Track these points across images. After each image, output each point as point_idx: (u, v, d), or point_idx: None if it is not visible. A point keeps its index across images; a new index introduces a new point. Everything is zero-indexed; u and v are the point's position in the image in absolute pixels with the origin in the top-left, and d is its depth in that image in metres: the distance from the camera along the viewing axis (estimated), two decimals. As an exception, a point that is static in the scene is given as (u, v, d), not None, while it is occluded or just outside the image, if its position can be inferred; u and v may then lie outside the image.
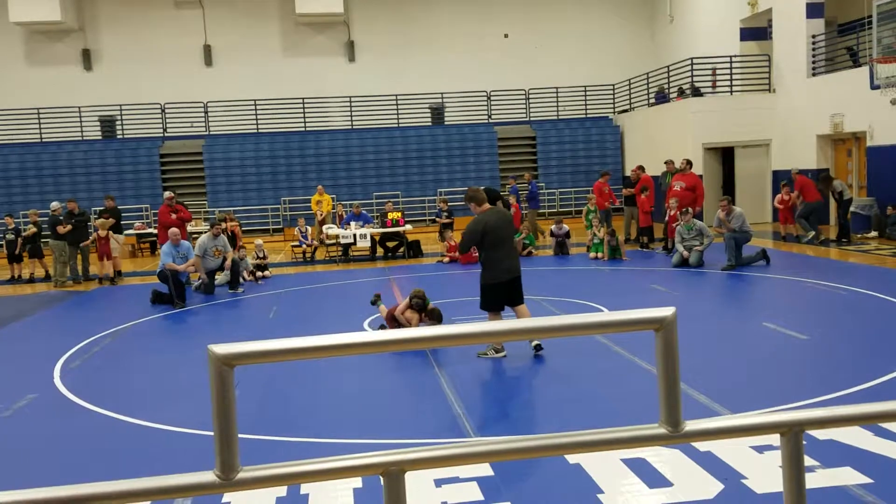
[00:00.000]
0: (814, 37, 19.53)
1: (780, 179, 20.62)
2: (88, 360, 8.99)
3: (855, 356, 7.53)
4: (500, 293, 7.78)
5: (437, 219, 19.89)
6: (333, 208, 21.31)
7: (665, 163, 17.42)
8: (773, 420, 1.62)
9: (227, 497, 4.63)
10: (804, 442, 1.62)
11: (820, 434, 5.08)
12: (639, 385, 6.78)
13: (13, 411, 7.01)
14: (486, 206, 7.78)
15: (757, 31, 22.77)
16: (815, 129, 19.23)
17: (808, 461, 4.67)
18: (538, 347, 7.90)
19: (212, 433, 1.52)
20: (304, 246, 18.21)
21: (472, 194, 7.92)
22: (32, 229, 16.59)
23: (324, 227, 18.79)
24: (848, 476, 4.57)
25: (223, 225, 15.66)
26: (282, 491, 4.70)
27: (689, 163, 16.32)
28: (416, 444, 5.56)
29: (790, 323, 8.87)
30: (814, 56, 19.68)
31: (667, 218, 15.66)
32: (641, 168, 17.69)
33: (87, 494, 1.49)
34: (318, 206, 20.86)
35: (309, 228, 19.03)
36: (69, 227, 15.84)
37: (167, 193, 16.18)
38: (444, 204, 19.81)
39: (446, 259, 16.48)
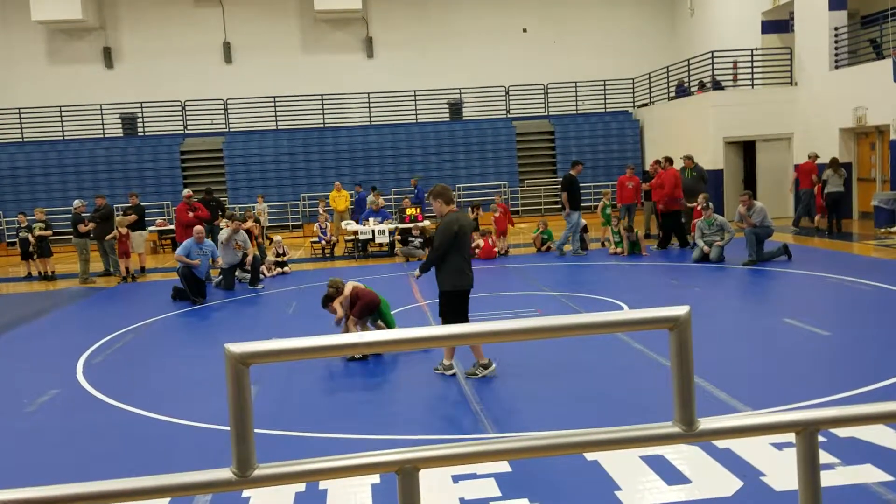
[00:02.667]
0: (836, 29, 19.29)
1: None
2: (110, 355, 9.09)
3: (878, 352, 7.44)
4: (464, 302, 7.23)
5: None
6: (351, 204, 21.40)
7: (682, 158, 17.30)
8: (788, 419, 1.61)
9: (246, 492, 4.68)
10: (825, 439, 1.61)
11: (840, 431, 5.03)
12: (657, 382, 6.75)
13: (37, 406, 7.11)
14: (454, 206, 7.30)
15: (779, 24, 22.53)
16: (838, 123, 19.01)
17: (828, 458, 4.64)
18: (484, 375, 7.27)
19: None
20: (323, 242, 18.26)
21: (440, 191, 7.27)
22: (47, 232, 16.71)
23: (342, 223, 18.86)
24: (869, 474, 4.53)
25: (248, 223, 15.81)
26: (300, 486, 4.73)
27: (668, 160, 16.52)
28: (434, 441, 5.59)
29: (812, 319, 8.79)
30: (836, 48, 19.44)
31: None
32: (663, 161, 17.57)
33: (107, 491, 1.51)
34: (334, 202, 20.98)
35: (328, 224, 19.09)
36: (91, 225, 16.03)
37: (186, 191, 16.34)
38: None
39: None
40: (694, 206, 15.48)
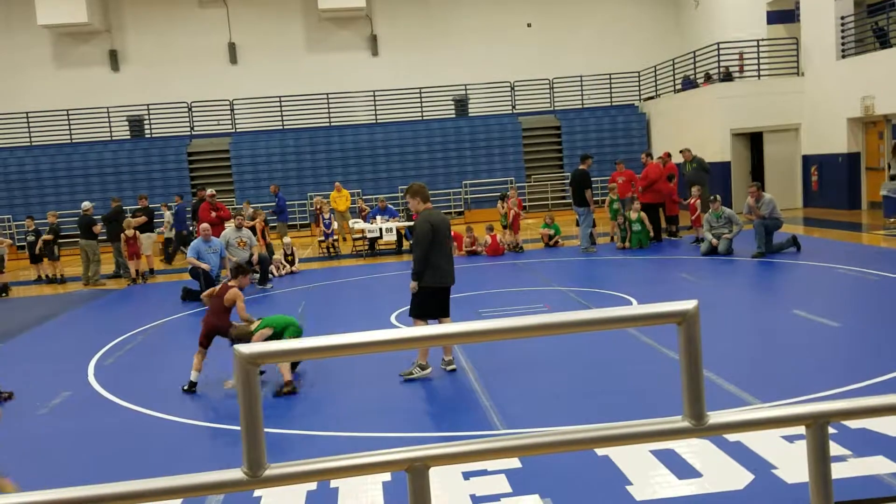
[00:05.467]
0: (843, 18, 19.19)
1: (811, 164, 20.39)
2: (121, 357, 9.14)
3: (888, 343, 7.41)
4: (436, 300, 7.27)
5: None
6: (353, 203, 21.39)
7: (681, 152, 17.23)
8: (797, 412, 1.61)
9: (258, 492, 4.69)
10: (836, 431, 1.61)
11: (852, 423, 5.01)
12: (667, 376, 6.73)
13: (50, 408, 7.15)
14: (429, 204, 7.37)
15: (784, 14, 22.42)
16: (846, 113, 18.91)
17: (839, 450, 4.63)
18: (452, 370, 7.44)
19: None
20: (330, 240, 18.18)
21: (417, 189, 7.39)
22: (49, 236, 16.77)
23: (349, 222, 18.87)
24: (880, 465, 4.51)
25: (254, 220, 15.86)
26: (312, 484, 4.75)
27: (649, 155, 16.90)
28: (445, 438, 5.59)
29: (821, 310, 8.75)
30: (843, 37, 19.34)
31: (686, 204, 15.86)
32: (668, 155, 17.54)
33: (120, 493, 1.52)
34: (334, 202, 20.94)
35: (332, 219, 19.05)
36: (98, 227, 16.13)
37: (209, 191, 16.45)
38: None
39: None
40: (690, 202, 15.55)
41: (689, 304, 1.60)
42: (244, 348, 1.53)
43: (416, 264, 7.20)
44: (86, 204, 16.73)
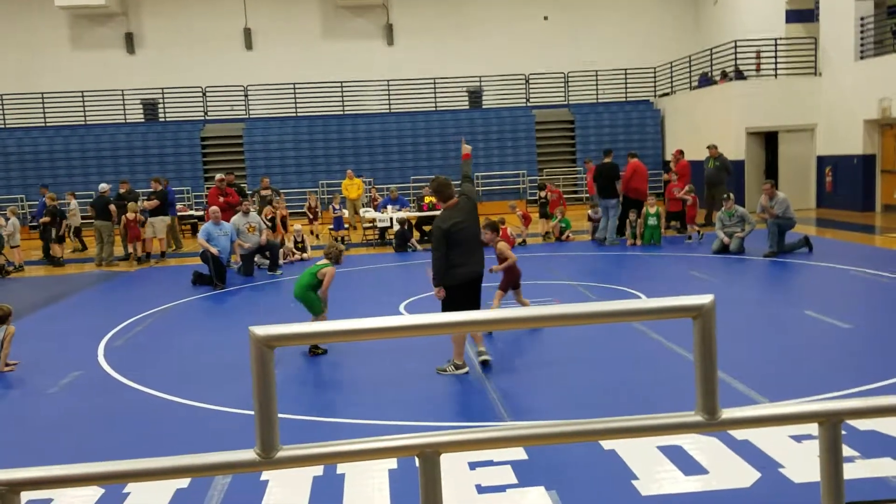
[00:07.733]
0: (862, 19, 19.02)
1: (826, 165, 20.26)
2: (131, 339, 9.19)
3: (899, 346, 7.37)
4: (462, 294, 6.99)
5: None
6: (366, 192, 21.38)
7: (708, 147, 17.14)
8: (811, 409, 1.60)
9: (265, 475, 4.72)
10: (844, 432, 1.60)
11: (860, 424, 5.00)
12: (675, 371, 6.73)
13: (59, 388, 7.20)
14: (454, 199, 7.11)
15: (803, 13, 22.25)
16: (863, 114, 18.78)
17: (847, 451, 4.61)
18: (485, 363, 7.23)
19: (252, 412, 1.56)
20: (340, 231, 18.17)
21: (436, 188, 7.19)
22: (46, 219, 16.78)
23: (361, 211, 18.87)
24: (888, 467, 4.50)
25: (268, 210, 15.90)
26: (318, 470, 4.77)
27: (633, 155, 16.92)
28: (452, 427, 5.61)
29: (833, 311, 8.71)
30: (862, 38, 19.18)
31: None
32: (680, 153, 17.47)
33: (131, 470, 1.54)
34: (346, 190, 20.93)
35: (344, 210, 19.07)
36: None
37: (218, 176, 16.49)
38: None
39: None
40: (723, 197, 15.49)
41: (705, 299, 1.59)
42: (260, 330, 1.54)
43: (434, 270, 7.04)
44: (103, 186, 16.83)
